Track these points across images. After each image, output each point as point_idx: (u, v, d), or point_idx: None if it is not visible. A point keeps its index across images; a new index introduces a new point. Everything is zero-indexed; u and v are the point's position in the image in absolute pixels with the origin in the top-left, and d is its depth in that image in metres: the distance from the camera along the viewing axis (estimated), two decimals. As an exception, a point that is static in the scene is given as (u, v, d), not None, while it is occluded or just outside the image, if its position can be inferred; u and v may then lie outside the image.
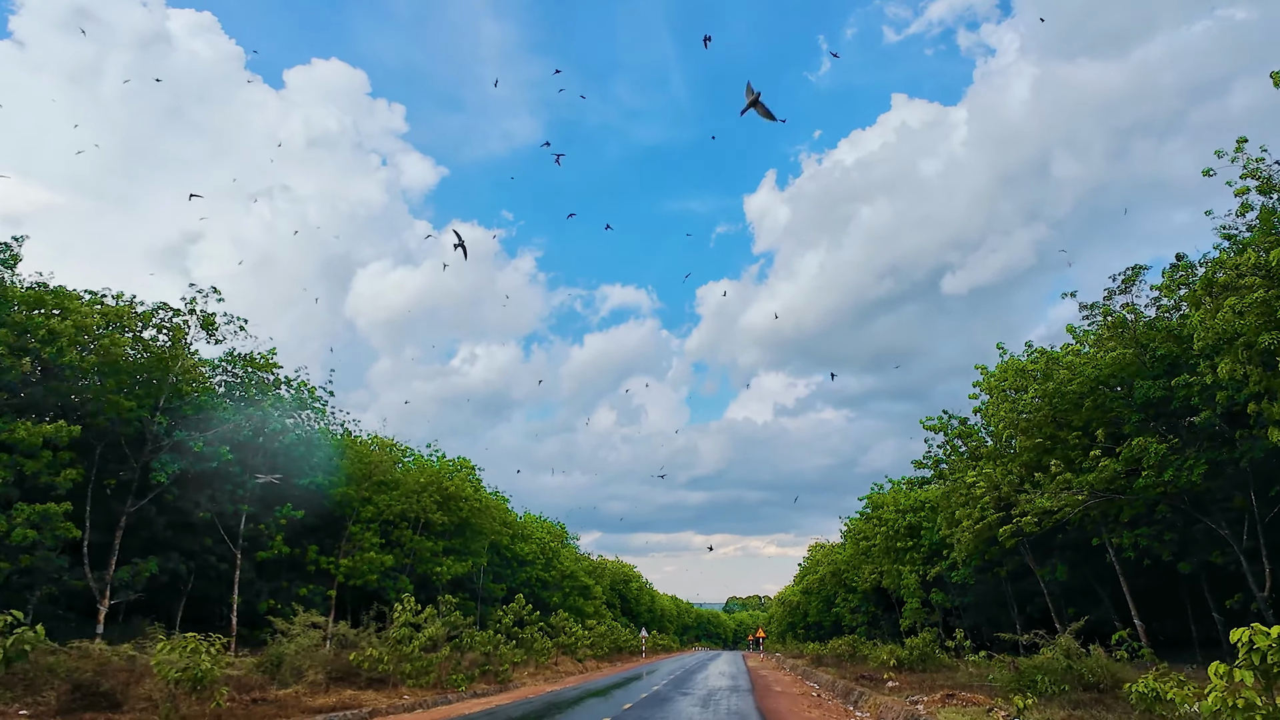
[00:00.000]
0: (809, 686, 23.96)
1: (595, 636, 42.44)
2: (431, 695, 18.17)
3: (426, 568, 35.11)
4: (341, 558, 29.63)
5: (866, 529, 41.79)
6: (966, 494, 22.27)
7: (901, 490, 39.38)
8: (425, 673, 18.89)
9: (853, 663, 36.06)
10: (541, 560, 52.09)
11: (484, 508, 41.48)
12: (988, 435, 28.89)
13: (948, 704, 16.49)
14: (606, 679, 26.58)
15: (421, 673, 18.74)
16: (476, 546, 40.70)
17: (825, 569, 61.79)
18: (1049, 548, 28.56)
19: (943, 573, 33.69)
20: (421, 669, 18.69)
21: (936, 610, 35.37)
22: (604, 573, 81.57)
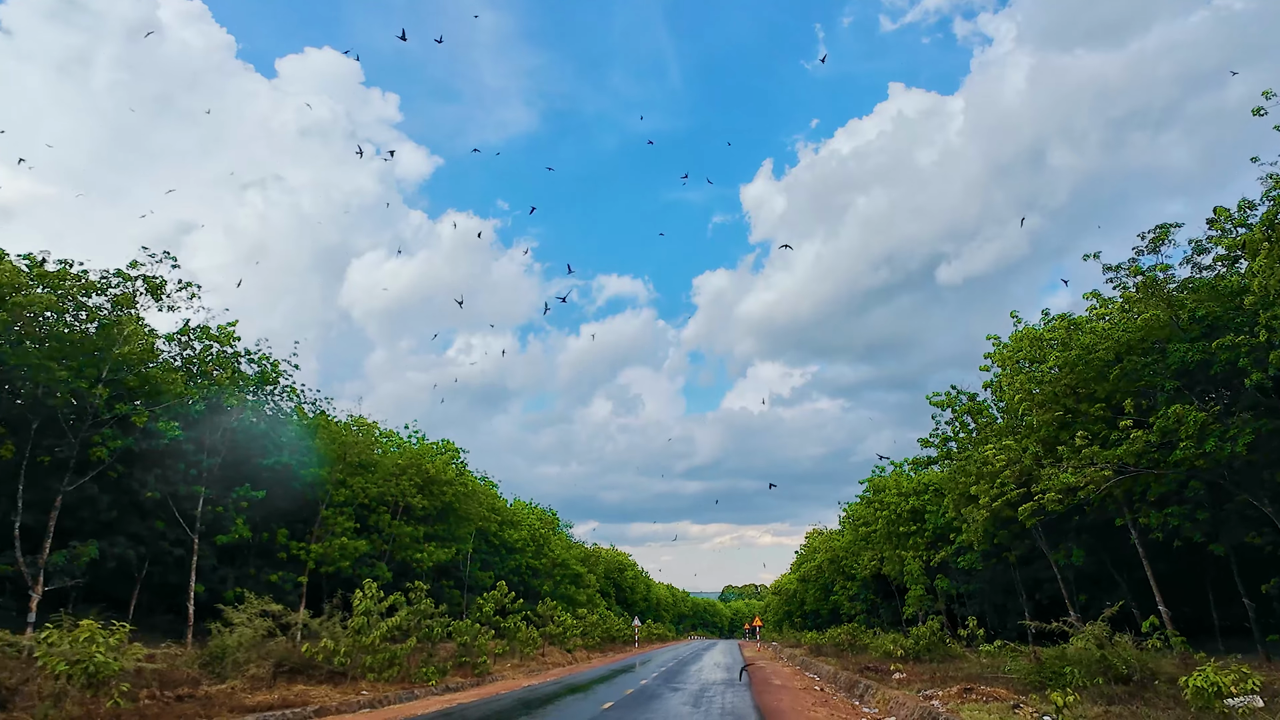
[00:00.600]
0: (810, 679, 22.35)
1: (586, 626, 40.85)
2: (396, 690, 16.44)
3: (406, 554, 33.37)
4: (313, 543, 27.84)
5: (867, 514, 40.19)
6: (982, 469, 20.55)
7: (904, 473, 37.74)
8: (389, 665, 17.17)
9: (853, 652, 34.60)
10: (531, 548, 50.43)
11: (469, 492, 39.72)
12: (998, 411, 27.21)
13: (966, 699, 14.83)
14: (593, 671, 24.94)
15: (385, 665, 17.02)
16: (461, 532, 38.98)
17: (823, 556, 60.35)
18: (1063, 531, 26.95)
19: (948, 558, 32.12)
20: (385, 661, 16.96)
21: (941, 598, 33.83)
22: (598, 561, 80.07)
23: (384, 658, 16.62)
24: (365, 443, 31.79)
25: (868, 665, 21.88)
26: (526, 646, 27.67)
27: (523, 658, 28.00)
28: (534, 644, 27.76)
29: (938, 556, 32.18)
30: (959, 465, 26.55)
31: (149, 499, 21.31)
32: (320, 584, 30.70)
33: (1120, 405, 19.68)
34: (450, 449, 39.22)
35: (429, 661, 18.81)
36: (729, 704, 13.39)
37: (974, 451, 23.46)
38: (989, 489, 20.16)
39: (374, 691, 15.85)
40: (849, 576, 55.75)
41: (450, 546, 36.59)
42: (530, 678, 21.95)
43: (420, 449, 36.43)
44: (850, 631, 37.45)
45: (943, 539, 34.26)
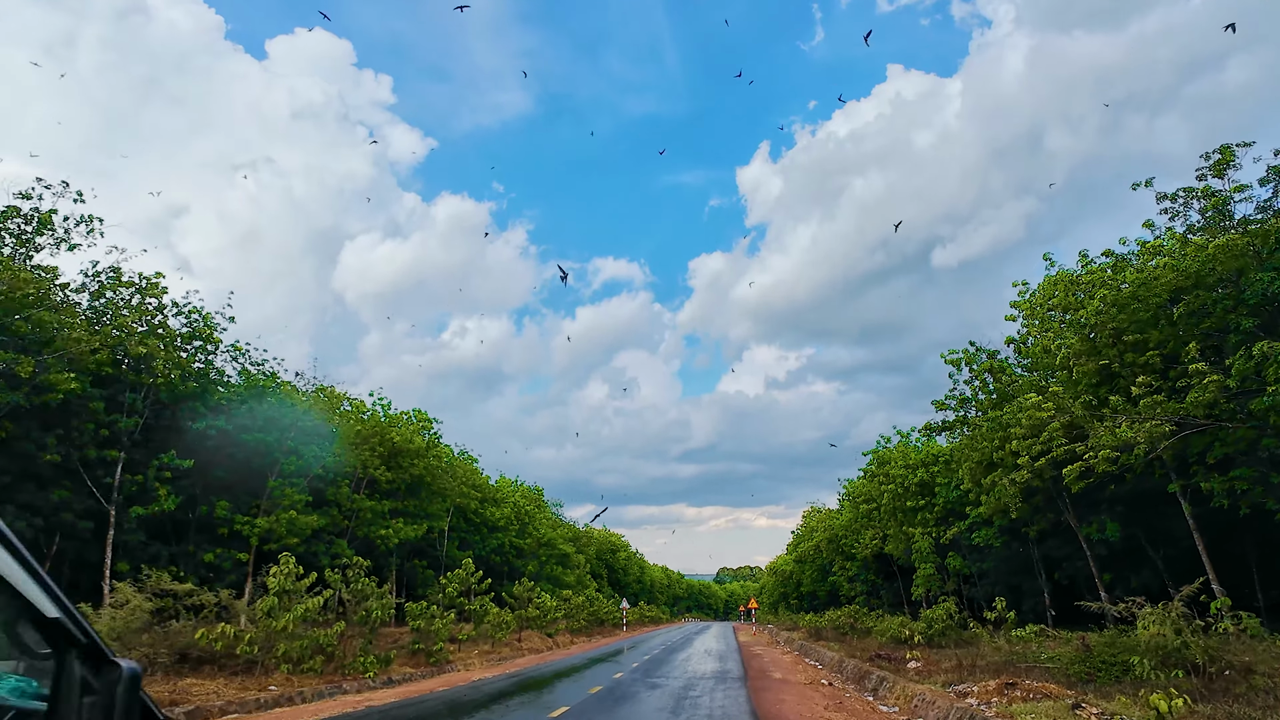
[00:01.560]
0: (812, 668, 19.65)
1: (571, 608, 38.24)
2: (319, 684, 13.63)
3: (370, 531, 30.54)
4: (259, 517, 24.92)
5: (870, 489, 37.50)
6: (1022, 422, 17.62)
7: (911, 444, 34.98)
8: (315, 655, 14.34)
9: (855, 636, 32.20)
10: (515, 526, 47.72)
11: (442, 466, 36.85)
12: (1024, 369, 24.33)
13: (1009, 696, 12.05)
14: (567, 660, 22.22)
15: (308, 655, 14.18)
16: (435, 509, 36.16)
17: (821, 535, 57.85)
18: (1094, 502, 24.22)
19: (960, 534, 29.43)
20: (307, 650, 14.12)
21: (952, 577, 31.20)
22: (589, 542, 77.63)
23: (303, 646, 13.78)
24: (319, 408, 28.81)
25: (879, 653, 19.18)
26: (499, 631, 24.94)
27: (494, 643, 25.30)
28: (506, 628, 25.04)
29: (949, 533, 29.49)
30: (982, 428, 23.72)
31: (47, 463, 18.32)
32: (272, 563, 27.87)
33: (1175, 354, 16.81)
34: (422, 419, 36.28)
35: (369, 649, 15.99)
36: (719, 709, 10.55)
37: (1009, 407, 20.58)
38: (1031, 446, 17.21)
39: (287, 686, 13.01)
40: (848, 557, 53.29)
41: (421, 523, 33.77)
42: (492, 668, 19.19)
43: (387, 418, 33.49)
44: (851, 614, 34.95)
45: (954, 514, 31.56)
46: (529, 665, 19.87)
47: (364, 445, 30.17)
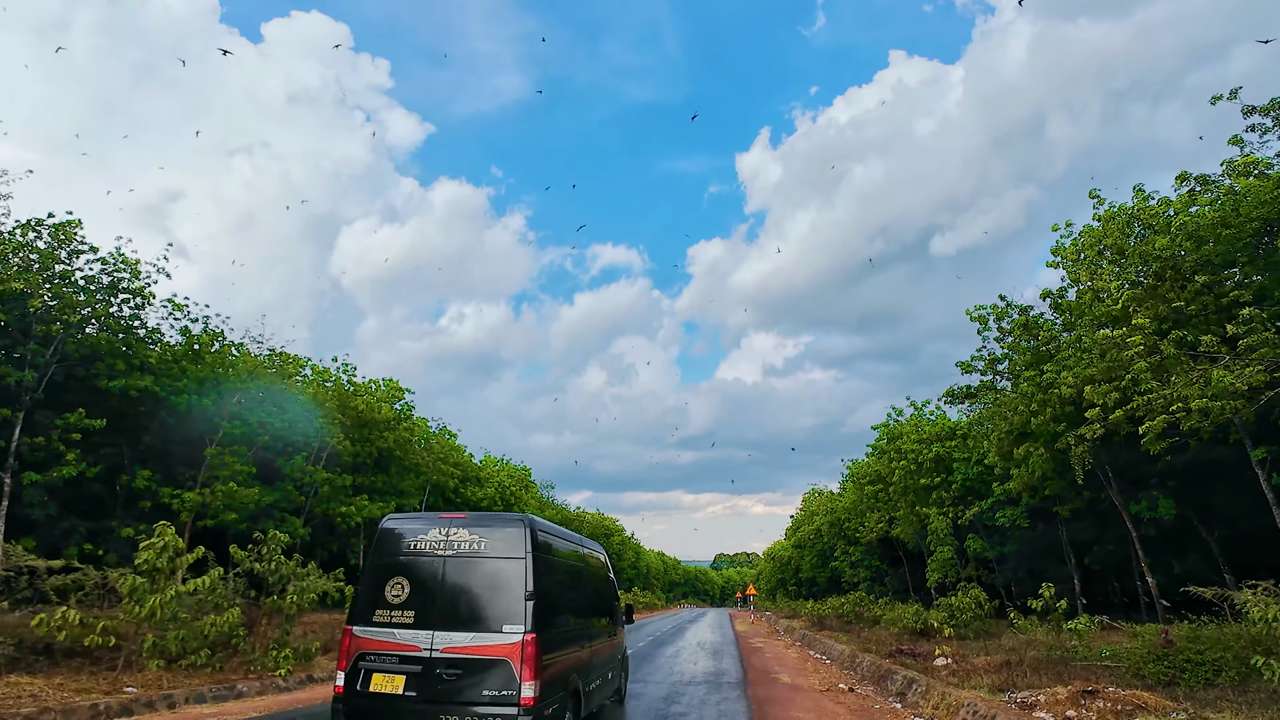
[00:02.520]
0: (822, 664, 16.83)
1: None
2: (206, 684, 10.75)
3: (329, 508, 27.64)
4: (191, 489, 21.97)
5: (879, 466, 34.68)
6: (1101, 363, 14.57)
7: (925, 418, 32.09)
8: (200, 648, 11.45)
9: (862, 626, 29.59)
10: (500, 507, 44.89)
11: (414, 440, 33.91)
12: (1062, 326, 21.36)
13: (1092, 708, 9.19)
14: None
15: (194, 647, 11.30)
16: (406, 485, 33.25)
17: (822, 519, 55.13)
18: (1141, 477, 21.37)
19: (982, 515, 26.59)
20: (191, 641, 11.23)
21: (970, 562, 28.39)
22: (581, 525, 75.01)
23: (180, 637, 10.88)
24: (270, 372, 25.80)
25: (900, 647, 16.34)
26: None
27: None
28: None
29: (969, 513, 26.64)
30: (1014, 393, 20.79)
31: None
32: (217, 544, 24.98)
33: (1268, 292, 13.83)
34: (393, 388, 33.31)
35: (285, 642, 13.10)
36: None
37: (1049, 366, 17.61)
38: (1105, 393, 14.13)
39: (155, 687, 10.11)
40: (851, 541, 50.59)
41: (389, 500, 30.86)
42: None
43: (353, 386, 30.51)
44: (857, 601, 32.25)
45: (973, 493, 28.74)
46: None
47: (322, 413, 27.19)
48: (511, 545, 6.17)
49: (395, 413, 32.26)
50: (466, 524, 6.42)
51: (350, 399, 29.03)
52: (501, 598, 5.91)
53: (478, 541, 6.25)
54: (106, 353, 20.36)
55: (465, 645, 5.72)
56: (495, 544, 6.20)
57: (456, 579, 6.08)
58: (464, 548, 6.24)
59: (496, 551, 6.15)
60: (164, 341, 23.04)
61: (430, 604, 5.97)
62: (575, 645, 7.05)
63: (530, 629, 5.72)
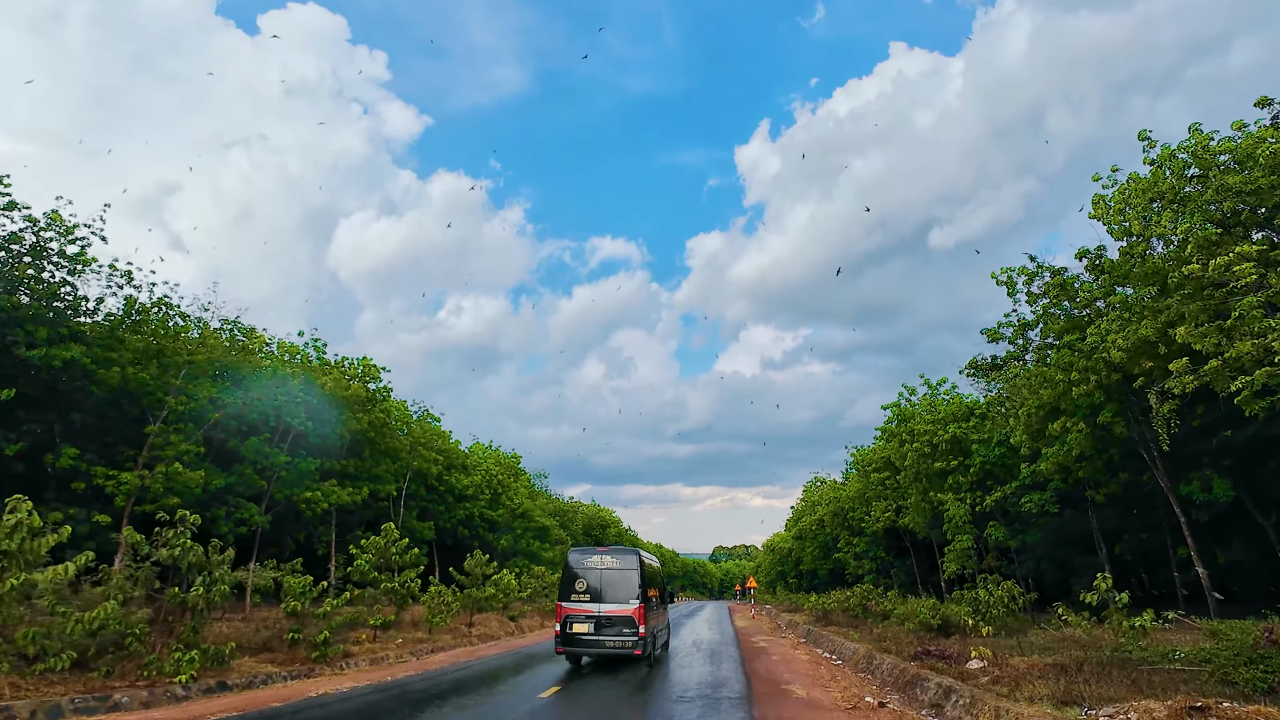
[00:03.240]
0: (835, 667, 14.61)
1: (540, 587, 33.29)
2: (63, 693, 8.50)
3: (292, 493, 25.38)
4: (129, 469, 19.68)
5: (889, 450, 32.46)
6: (1190, 299, 12.23)
7: (939, 397, 29.85)
8: (62, 649, 9.19)
9: (871, 621, 27.51)
10: (486, 495, 42.69)
11: (391, 422, 31.64)
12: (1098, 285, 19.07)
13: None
14: (507, 655, 17.20)
15: (54, 648, 9.04)
16: (382, 471, 30.99)
17: (825, 509, 53.01)
18: (1190, 456, 19.15)
19: (1004, 499, 24.38)
20: (54, 642, 8.98)
21: (991, 552, 26.18)
22: (575, 516, 72.96)
23: (33, 635, 8.62)
24: (224, 344, 23.48)
25: (926, 648, 14.11)
26: (438, 617, 19.89)
27: (432, 629, 20.31)
28: (445, 613, 19.98)
29: (990, 499, 24.42)
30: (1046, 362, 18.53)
31: None
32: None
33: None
34: (367, 367, 31.00)
35: (194, 642, 10.85)
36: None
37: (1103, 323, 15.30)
38: (1204, 335, 11.71)
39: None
40: (856, 532, 48.52)
41: (360, 486, 28.61)
42: (397, 667, 14.07)
43: (321, 363, 28.20)
44: (863, 594, 30.09)
45: (992, 477, 26.53)
46: (449, 663, 14.76)
47: (284, 391, 24.88)
48: (628, 563, 12.70)
49: (368, 393, 29.99)
50: (608, 553, 13.11)
51: (317, 376, 26.74)
52: (626, 588, 12.45)
53: (613, 561, 12.73)
54: (27, 319, 18.03)
55: (614, 610, 12.17)
56: (622, 562, 12.69)
57: (608, 579, 12.61)
58: (608, 564, 12.75)
59: (622, 565, 12.64)
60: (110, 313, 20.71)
61: (598, 592, 12.53)
62: (653, 611, 13.34)
63: (639, 602, 12.25)
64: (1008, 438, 24.84)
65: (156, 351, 21.30)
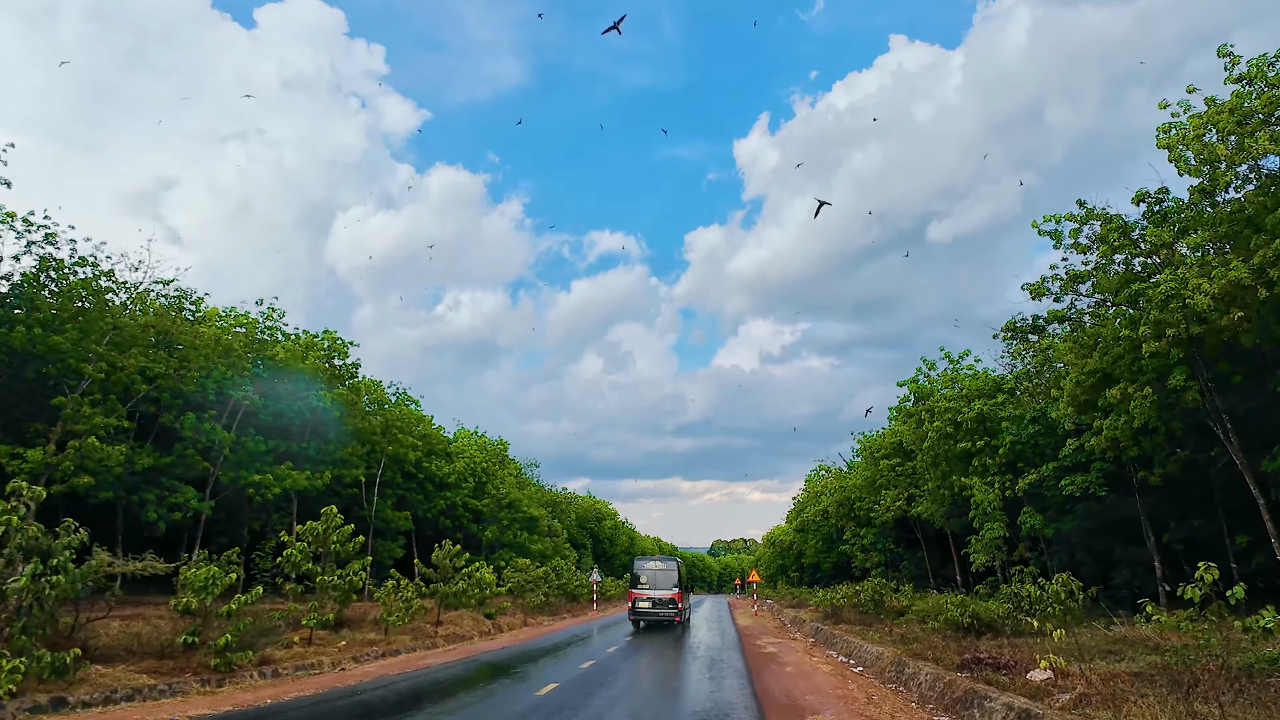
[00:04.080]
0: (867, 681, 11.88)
1: (527, 580, 30.60)
2: None
3: (239, 476, 22.62)
4: (35, 445, 16.92)
5: (904, 432, 29.76)
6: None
7: (961, 372, 27.08)
8: None
9: (883, 617, 24.96)
10: (470, 484, 39.99)
11: (360, 402, 28.88)
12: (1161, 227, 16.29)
13: None
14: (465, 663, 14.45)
15: None
16: (348, 454, 28.25)
17: (830, 499, 50.34)
18: (1271, 429, 16.40)
19: (1040, 482, 21.64)
20: None
21: (1023, 542, 23.43)
22: (568, 507, 70.28)
23: None
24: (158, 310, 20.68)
25: (976, 655, 11.40)
26: (394, 614, 17.17)
27: (389, 630, 17.61)
28: (405, 611, 17.27)
29: (1024, 481, 21.69)
30: (1118, 315, 15.79)
31: None
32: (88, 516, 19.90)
33: None
34: (332, 340, 28.22)
35: (25, 647, 8.13)
36: None
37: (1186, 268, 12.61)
38: None
39: None
40: (863, 523, 45.86)
41: (322, 470, 25.86)
42: (294, 684, 11.28)
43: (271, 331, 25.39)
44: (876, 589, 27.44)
45: (1023, 458, 23.80)
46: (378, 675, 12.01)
47: (229, 362, 22.12)
48: (670, 566, 23.47)
49: (333, 369, 27.24)
50: (658, 559, 23.97)
51: (268, 347, 23.95)
52: (669, 581, 22.91)
53: (661, 565, 23.57)
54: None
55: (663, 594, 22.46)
56: (666, 565, 23.47)
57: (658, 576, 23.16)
58: (658, 566, 23.53)
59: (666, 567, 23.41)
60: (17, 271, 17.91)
61: (653, 583, 22.95)
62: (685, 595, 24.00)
63: (678, 589, 22.84)
64: (1042, 414, 22.13)
65: (74, 314, 18.53)
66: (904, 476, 35.64)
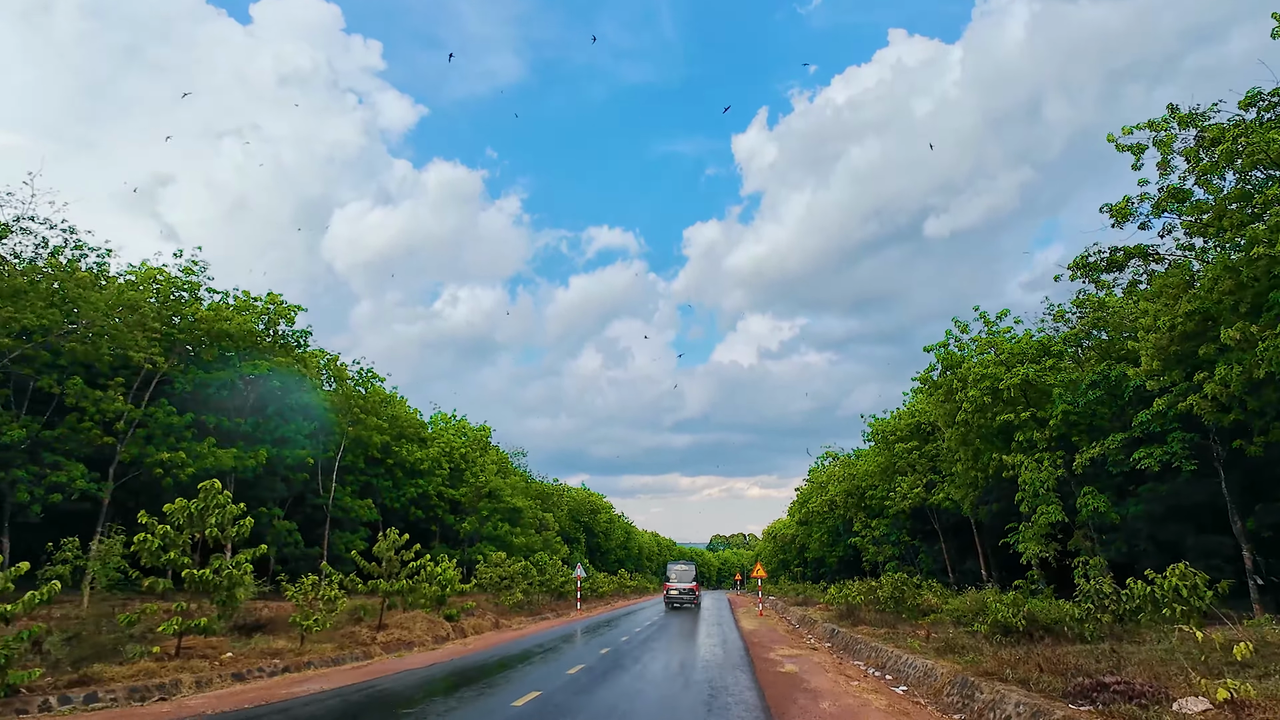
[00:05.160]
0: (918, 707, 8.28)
1: (502, 577, 27.04)
2: None
3: (146, 453, 18.98)
4: None
5: (929, 407, 26.22)
6: None
7: (1000, 334, 23.46)
8: None
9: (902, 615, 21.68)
10: (445, 471, 36.39)
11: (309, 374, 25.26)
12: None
13: None
14: (378, 685, 10.90)
15: None
16: (291, 431, 24.62)
17: (838, 488, 46.76)
18: None
19: (1105, 456, 18.05)
20: None
21: (1084, 529, 19.78)
22: (561, 500, 66.75)
23: None
24: (29, 254, 17.00)
25: (1100, 680, 7.88)
26: (313, 619, 13.60)
27: (304, 638, 14.06)
28: (323, 615, 13.69)
29: (1085, 455, 18.10)
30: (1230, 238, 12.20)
31: None
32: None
33: None
34: (276, 303, 24.58)
35: None
36: None
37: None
38: None
39: None
40: (874, 513, 42.32)
41: (257, 448, 22.23)
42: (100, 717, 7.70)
43: (186, 283, 21.69)
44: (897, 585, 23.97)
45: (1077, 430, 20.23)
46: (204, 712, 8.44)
47: (137, 318, 18.47)
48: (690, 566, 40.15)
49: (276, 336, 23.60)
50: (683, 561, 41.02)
51: (186, 307, 20.30)
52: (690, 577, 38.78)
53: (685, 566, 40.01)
54: None
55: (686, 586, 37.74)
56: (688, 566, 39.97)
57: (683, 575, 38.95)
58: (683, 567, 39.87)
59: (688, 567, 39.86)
60: None
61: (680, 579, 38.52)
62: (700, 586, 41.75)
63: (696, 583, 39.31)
64: (1105, 376, 18.55)
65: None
66: (928, 458, 32.15)
